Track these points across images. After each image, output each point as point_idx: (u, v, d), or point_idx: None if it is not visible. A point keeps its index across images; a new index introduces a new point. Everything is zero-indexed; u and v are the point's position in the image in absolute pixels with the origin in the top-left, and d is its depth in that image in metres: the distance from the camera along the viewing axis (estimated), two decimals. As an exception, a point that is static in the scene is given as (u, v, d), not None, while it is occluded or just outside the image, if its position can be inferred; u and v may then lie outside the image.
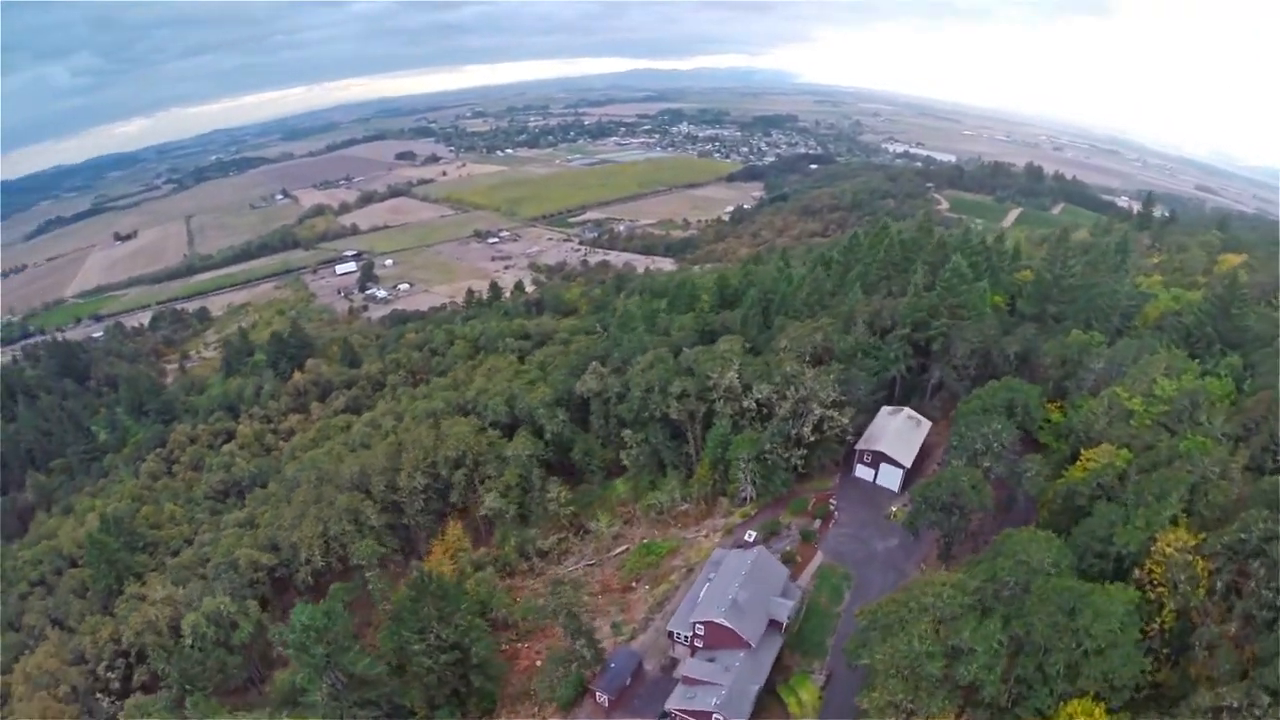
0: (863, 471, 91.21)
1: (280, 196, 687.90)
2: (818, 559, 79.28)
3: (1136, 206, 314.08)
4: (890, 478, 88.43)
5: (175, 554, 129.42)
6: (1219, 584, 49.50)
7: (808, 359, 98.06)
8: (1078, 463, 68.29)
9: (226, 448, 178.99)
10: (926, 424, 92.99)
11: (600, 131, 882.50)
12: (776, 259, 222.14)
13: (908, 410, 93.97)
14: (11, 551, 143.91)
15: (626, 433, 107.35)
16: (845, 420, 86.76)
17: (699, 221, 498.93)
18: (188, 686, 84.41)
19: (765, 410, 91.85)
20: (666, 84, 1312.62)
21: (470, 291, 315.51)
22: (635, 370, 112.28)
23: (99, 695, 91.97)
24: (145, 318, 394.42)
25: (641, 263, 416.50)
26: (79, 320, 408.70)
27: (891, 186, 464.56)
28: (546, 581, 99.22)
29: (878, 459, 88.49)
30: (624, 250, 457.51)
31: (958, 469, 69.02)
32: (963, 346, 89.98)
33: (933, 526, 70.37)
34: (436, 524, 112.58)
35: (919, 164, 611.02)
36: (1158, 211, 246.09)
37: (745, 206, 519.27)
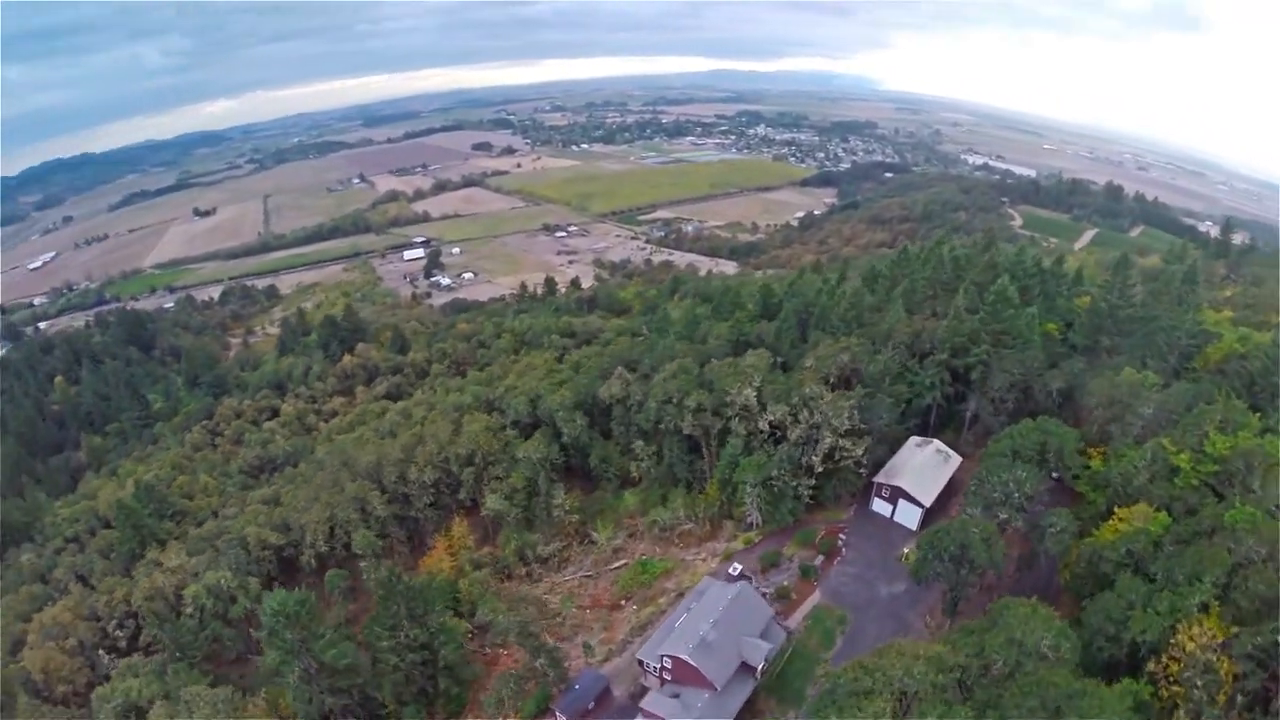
0: (880, 506, 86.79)
1: (356, 181, 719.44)
2: (814, 598, 75.80)
3: (1215, 232, 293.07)
4: (908, 515, 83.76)
5: (200, 524, 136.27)
6: (1243, 692, 43.72)
7: (832, 381, 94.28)
8: (1110, 522, 62.49)
9: (268, 425, 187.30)
10: (956, 459, 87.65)
11: (677, 130, 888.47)
12: (836, 269, 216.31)
13: (937, 443, 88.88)
14: (54, 508, 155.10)
15: (638, 444, 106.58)
16: (859, 451, 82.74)
17: (767, 226, 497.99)
18: (178, 654, 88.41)
19: (779, 433, 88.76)
20: (746, 85, 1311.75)
21: (523, 285, 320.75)
22: (657, 379, 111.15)
23: (103, 652, 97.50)
24: (216, 292, 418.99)
25: (705, 265, 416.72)
26: (153, 290, 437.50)
27: (964, 199, 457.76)
28: (547, 587, 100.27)
29: (896, 494, 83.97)
30: (689, 251, 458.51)
31: (969, 519, 64.40)
32: (1001, 378, 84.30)
33: (939, 578, 65.88)
34: (444, 519, 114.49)
35: (996, 177, 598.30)
36: (1237, 239, 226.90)
37: (816, 213, 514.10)
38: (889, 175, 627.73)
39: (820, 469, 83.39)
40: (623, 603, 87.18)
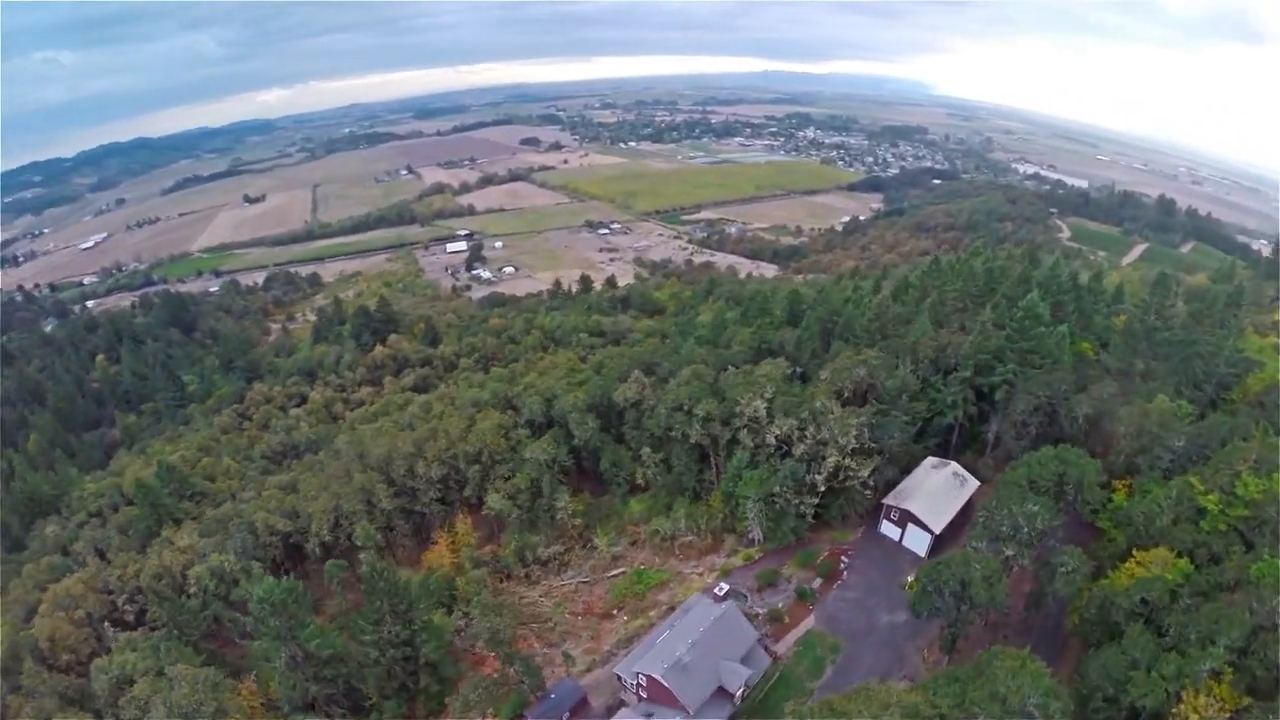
0: (889, 529, 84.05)
1: (404, 172, 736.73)
2: (809, 622, 73.69)
3: (1267, 251, 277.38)
4: (917, 541, 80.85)
5: (218, 506, 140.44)
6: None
7: (846, 395, 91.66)
8: (1127, 564, 58.84)
9: (295, 411, 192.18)
10: (974, 484, 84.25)
11: (725, 131, 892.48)
12: (874, 276, 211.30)
13: (955, 466, 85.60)
14: (82, 482, 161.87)
15: (645, 450, 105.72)
16: (864, 472, 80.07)
17: (811, 230, 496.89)
18: (176, 632, 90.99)
19: (785, 448, 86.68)
20: (798, 87, 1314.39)
21: (557, 282, 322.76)
22: (671, 385, 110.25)
23: (109, 625, 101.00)
24: (261, 277, 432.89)
25: (747, 267, 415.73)
26: (199, 274, 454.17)
27: (1011, 209, 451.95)
28: (543, 590, 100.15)
29: (906, 518, 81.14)
30: (731, 253, 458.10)
31: (972, 554, 61.40)
32: (1024, 400, 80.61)
33: (938, 613, 63.06)
34: (450, 515, 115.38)
35: (1047, 187, 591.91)
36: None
37: (861, 218, 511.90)
38: (937, 182, 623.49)
39: (823, 488, 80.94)
40: (614, 612, 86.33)
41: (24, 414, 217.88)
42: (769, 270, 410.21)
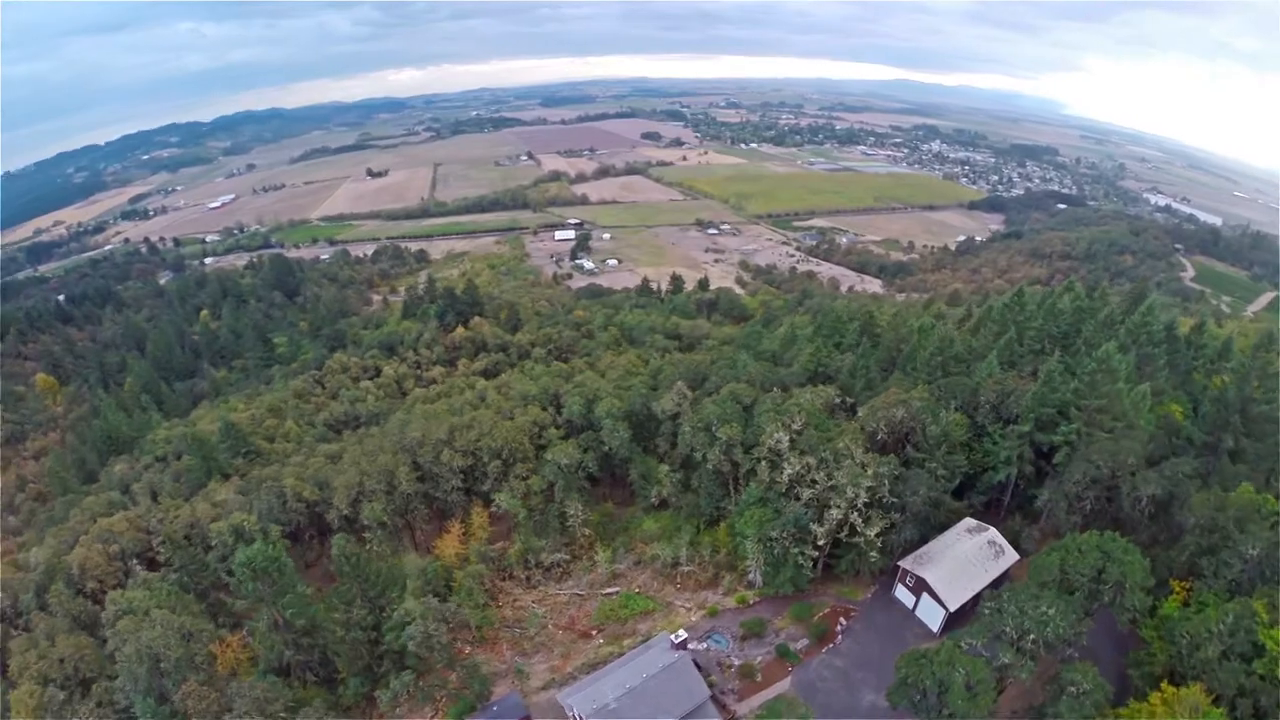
0: (903, 595, 76.93)
1: (524, 158, 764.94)
2: (783, 685, 68.48)
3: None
4: (931, 614, 73.40)
5: (267, 466, 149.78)
6: None
7: (882, 437, 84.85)
8: (1152, 699, 50.12)
9: (365, 384, 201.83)
10: (1012, 557, 75.43)
11: (849, 138, 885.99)
12: (967, 304, 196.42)
13: (992, 533, 77.02)
14: (160, 427, 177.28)
15: (663, 468, 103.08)
16: (873, 531, 73.31)
17: (924, 247, 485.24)
18: (186, 578, 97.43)
19: (795, 488, 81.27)
20: (926, 98, 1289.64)
21: (645, 280, 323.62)
22: (706, 401, 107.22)
23: (137, 562, 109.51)
24: (371, 249, 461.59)
25: (850, 280, 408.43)
26: (315, 241, 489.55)
27: (1133, 242, 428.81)
28: (539, 596, 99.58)
29: (921, 586, 73.79)
30: (838, 264, 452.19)
31: (959, 653, 54.48)
32: (1080, 467, 71.03)
33: (915, 711, 56.50)
34: (469, 505, 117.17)
35: (1177, 221, 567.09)
36: None
37: (977, 239, 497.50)
38: (1061, 207, 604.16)
39: (823, 540, 75.01)
40: (593, 632, 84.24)
41: (126, 358, 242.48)
42: (873, 285, 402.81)
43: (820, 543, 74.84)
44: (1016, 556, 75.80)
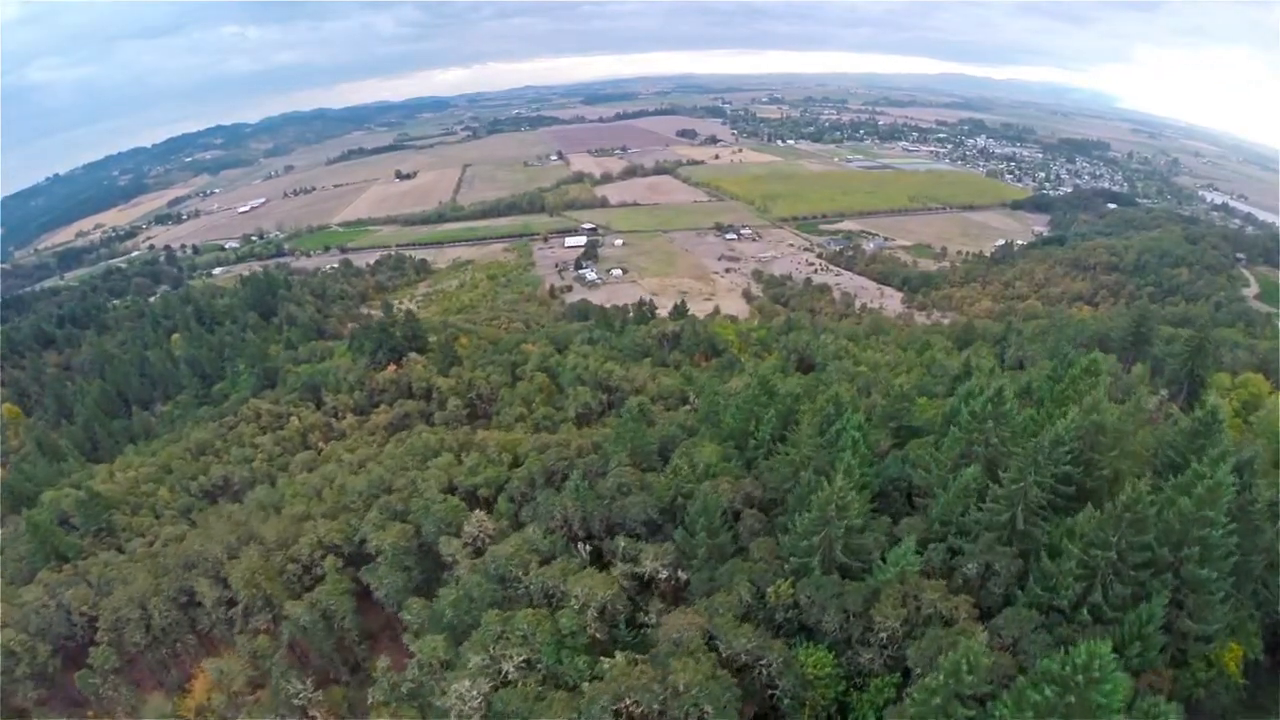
0: None
1: (554, 157, 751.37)
2: None
3: None
4: None
5: (118, 548, 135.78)
6: None
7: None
8: None
9: (261, 439, 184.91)
10: None
11: (890, 134, 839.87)
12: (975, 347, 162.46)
13: None
14: (61, 480, 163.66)
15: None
16: None
17: (957, 253, 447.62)
18: None
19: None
20: (975, 91, 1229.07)
21: (605, 310, 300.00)
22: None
23: None
24: (377, 258, 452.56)
25: (870, 294, 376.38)
26: (326, 249, 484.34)
27: (1189, 251, 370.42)
28: None
29: None
30: (860, 273, 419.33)
31: None
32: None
33: None
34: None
35: (1237, 222, 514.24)
36: None
37: (1017, 243, 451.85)
38: (1111, 206, 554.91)
39: None
40: None
41: (83, 386, 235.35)
42: (893, 301, 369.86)
43: None
44: None
